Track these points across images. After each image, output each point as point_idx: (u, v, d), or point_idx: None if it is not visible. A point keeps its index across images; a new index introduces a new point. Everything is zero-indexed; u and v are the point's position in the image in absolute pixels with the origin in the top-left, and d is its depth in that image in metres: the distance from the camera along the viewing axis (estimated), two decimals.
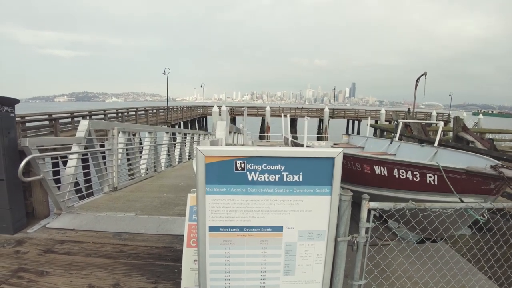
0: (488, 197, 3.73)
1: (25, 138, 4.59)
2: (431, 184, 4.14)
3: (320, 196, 1.88)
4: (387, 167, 4.60)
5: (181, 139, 13.03)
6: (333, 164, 1.83)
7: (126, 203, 5.81)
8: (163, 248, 4.03)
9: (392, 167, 4.52)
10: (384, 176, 4.65)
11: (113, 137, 6.96)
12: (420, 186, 4.26)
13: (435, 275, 3.08)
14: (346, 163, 5.22)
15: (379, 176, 4.73)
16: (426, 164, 4.24)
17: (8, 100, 4.46)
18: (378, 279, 2.95)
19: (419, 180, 4.24)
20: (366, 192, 4.85)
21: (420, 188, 4.28)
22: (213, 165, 1.78)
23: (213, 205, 1.84)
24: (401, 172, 4.41)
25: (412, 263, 3.16)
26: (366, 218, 1.97)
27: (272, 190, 1.85)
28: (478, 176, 3.73)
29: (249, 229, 1.90)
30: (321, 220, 1.93)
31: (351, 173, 5.25)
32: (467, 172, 3.78)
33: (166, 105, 31.91)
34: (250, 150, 1.78)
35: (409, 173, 4.33)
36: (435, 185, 4.10)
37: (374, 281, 2.98)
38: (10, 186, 4.38)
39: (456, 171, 3.86)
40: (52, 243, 4.13)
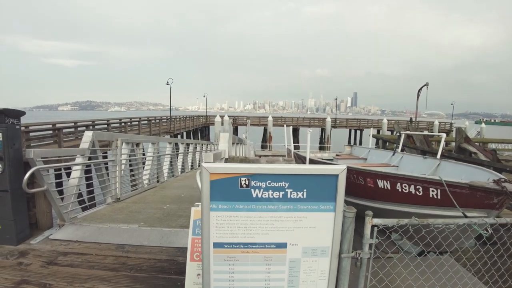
0: (491, 212, 3.72)
1: (30, 150, 4.64)
2: (434, 198, 4.14)
3: (324, 212, 1.90)
4: (390, 181, 4.60)
5: (184, 149, 13.07)
6: (336, 181, 1.85)
7: (129, 214, 5.82)
8: (166, 261, 4.02)
9: (395, 181, 4.53)
10: (387, 190, 4.64)
11: (116, 148, 7.00)
12: (423, 200, 4.26)
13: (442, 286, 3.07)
14: (349, 176, 5.22)
15: (382, 189, 4.73)
16: (429, 179, 4.24)
17: (15, 112, 4.52)
18: None
19: (422, 194, 4.24)
20: (369, 205, 4.86)
21: (423, 202, 4.27)
22: (218, 182, 1.80)
23: (217, 221, 1.86)
24: (404, 186, 4.41)
25: (416, 278, 3.15)
26: (369, 235, 1.98)
27: (276, 207, 1.87)
28: (481, 190, 3.72)
29: (253, 245, 1.91)
30: (325, 237, 1.93)
31: (354, 187, 5.25)
32: (470, 187, 3.78)
33: (169, 114, 32.07)
34: (254, 167, 1.80)
35: (412, 187, 4.33)
36: (438, 199, 4.09)
37: None
38: (14, 197, 4.40)
39: (459, 186, 3.86)
40: (55, 254, 4.14)
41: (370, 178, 4.89)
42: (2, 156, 4.31)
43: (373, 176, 4.87)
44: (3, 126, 4.32)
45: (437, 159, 6.83)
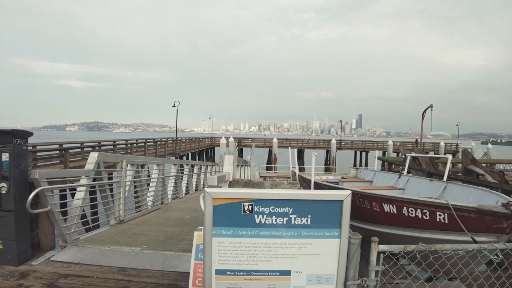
0: (501, 236, 3.61)
1: (35, 170, 4.65)
2: (441, 223, 4.04)
3: (328, 239, 1.86)
4: (396, 205, 4.52)
5: (189, 170, 13.05)
6: (341, 206, 1.82)
7: (132, 236, 5.76)
8: (168, 286, 3.94)
9: (401, 205, 4.44)
10: (393, 214, 4.55)
11: (121, 170, 7.01)
12: (430, 224, 4.16)
13: None
14: (355, 200, 5.15)
15: (388, 214, 4.63)
16: (436, 203, 4.16)
17: (22, 133, 4.57)
18: None
19: (429, 218, 4.14)
20: (375, 230, 4.76)
21: (430, 227, 4.17)
22: (220, 207, 1.78)
23: (220, 247, 1.82)
24: (411, 210, 4.31)
25: None
26: (375, 262, 1.93)
27: (280, 233, 1.83)
28: (489, 214, 3.62)
29: (256, 273, 1.87)
30: (330, 264, 1.89)
31: (360, 211, 5.16)
32: (478, 211, 3.68)
33: (175, 136, 32.27)
34: (257, 192, 1.78)
35: (418, 211, 4.24)
36: (446, 224, 3.99)
37: None
38: (18, 217, 4.39)
39: (466, 210, 3.77)
40: (56, 276, 4.07)
41: (375, 202, 4.81)
42: (8, 176, 4.33)
43: (379, 200, 4.79)
44: (10, 146, 4.36)
45: (443, 181, 6.73)
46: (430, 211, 4.13)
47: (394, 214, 4.53)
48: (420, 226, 4.27)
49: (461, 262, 2.89)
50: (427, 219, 4.17)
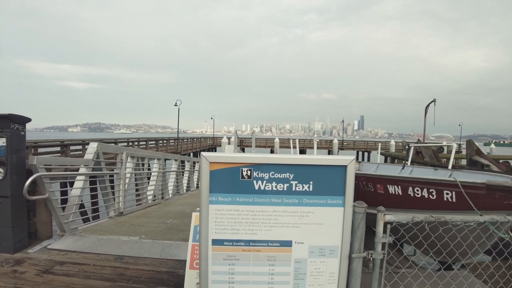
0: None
1: (33, 156, 4.57)
2: (448, 202, 3.88)
3: (332, 207, 1.75)
4: (401, 186, 4.36)
5: (190, 167, 12.96)
6: (345, 172, 1.71)
7: (130, 227, 5.66)
8: (166, 273, 3.84)
9: (407, 186, 4.29)
10: (398, 195, 4.40)
11: (121, 162, 6.92)
12: (437, 204, 3.99)
13: None
14: (358, 184, 5.01)
15: (393, 195, 4.48)
16: (443, 180, 4.00)
17: (20, 118, 4.49)
18: None
19: (436, 197, 3.99)
20: None
21: (437, 207, 4.00)
22: (218, 173, 1.68)
23: (217, 215, 1.72)
24: (416, 190, 4.16)
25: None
26: (382, 232, 1.82)
27: (280, 201, 1.73)
28: (500, 190, 3.46)
29: (255, 243, 1.76)
30: (334, 235, 1.78)
31: (364, 194, 4.99)
32: (487, 187, 3.52)
33: (177, 135, 32.21)
34: (257, 157, 1.68)
35: (424, 190, 4.09)
36: (453, 203, 3.83)
37: None
38: (14, 204, 4.31)
39: (475, 186, 3.61)
40: (52, 264, 3.98)
41: (380, 184, 4.67)
42: (5, 161, 4.25)
43: (383, 182, 4.63)
44: (7, 131, 4.28)
45: (448, 169, 6.57)
46: (437, 190, 3.98)
47: (399, 195, 4.38)
48: (426, 207, 4.09)
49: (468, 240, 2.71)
50: (433, 199, 4.02)
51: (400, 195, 4.38)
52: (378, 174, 4.93)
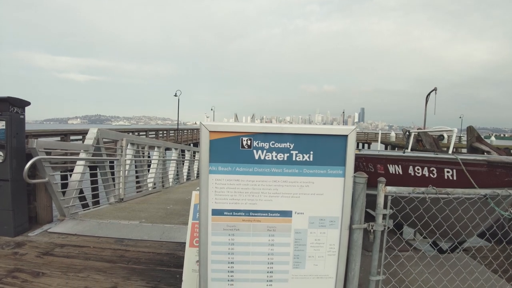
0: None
1: (33, 139, 4.56)
2: (449, 180, 3.87)
3: (332, 178, 1.73)
4: (401, 165, 4.34)
5: (190, 156, 12.96)
6: (346, 142, 1.69)
7: (131, 212, 5.67)
8: (166, 255, 3.85)
9: (407, 165, 4.26)
10: (398, 175, 4.39)
11: (121, 148, 6.91)
12: (438, 183, 3.97)
13: (458, 286, 2.83)
14: (359, 164, 5.00)
15: (393, 175, 4.47)
16: (444, 158, 3.98)
17: (19, 102, 4.46)
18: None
19: (436, 176, 3.98)
20: None
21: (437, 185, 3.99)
22: (217, 142, 1.66)
23: (217, 185, 1.71)
24: (417, 169, 4.15)
25: (430, 274, 2.92)
26: (383, 204, 1.81)
27: (280, 170, 1.71)
28: (501, 167, 3.44)
29: (255, 213, 1.75)
30: (334, 205, 1.76)
31: None
32: (488, 164, 3.50)
33: (177, 126, 32.17)
34: (257, 125, 1.66)
35: (425, 169, 4.07)
36: (454, 181, 3.82)
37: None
38: (14, 187, 4.30)
39: (476, 163, 3.58)
40: (52, 246, 4.00)
41: (380, 164, 4.65)
42: (5, 144, 4.23)
43: (384, 162, 4.60)
44: (7, 114, 4.26)
45: (449, 154, 6.55)
46: (438, 168, 3.96)
47: (400, 174, 4.37)
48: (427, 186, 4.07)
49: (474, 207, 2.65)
50: (434, 178, 4.01)
51: (400, 174, 4.36)
52: (379, 154, 4.90)
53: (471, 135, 7.98)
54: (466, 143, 8.70)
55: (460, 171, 3.67)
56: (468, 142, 7.88)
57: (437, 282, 2.92)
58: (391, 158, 4.53)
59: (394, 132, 41.30)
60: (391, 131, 48.45)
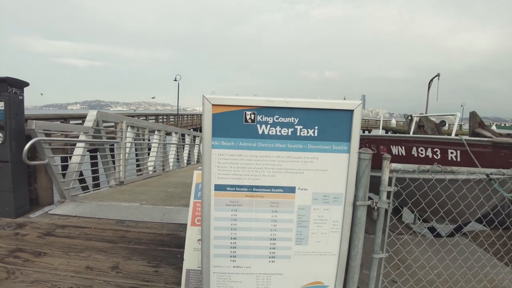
0: None
1: (32, 120, 4.52)
2: (453, 161, 3.85)
3: (337, 153, 1.70)
4: (404, 146, 4.31)
5: (190, 141, 12.94)
6: (351, 117, 1.66)
7: (131, 195, 5.68)
8: (167, 235, 3.86)
9: (411, 146, 4.23)
10: (401, 156, 4.36)
11: (121, 131, 6.88)
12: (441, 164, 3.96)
13: (460, 267, 2.84)
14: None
15: (396, 156, 4.45)
16: (448, 139, 3.95)
17: (17, 82, 4.41)
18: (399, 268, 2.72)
19: (440, 157, 3.95)
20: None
21: None
22: (220, 116, 1.63)
23: (219, 160, 1.68)
24: (420, 150, 4.12)
25: (431, 256, 2.93)
26: (387, 181, 1.78)
27: (284, 146, 1.68)
28: (506, 148, 3.40)
29: (258, 189, 1.73)
30: (338, 182, 1.74)
31: None
32: (493, 144, 3.47)
33: (177, 111, 32.04)
34: (261, 99, 1.62)
35: (428, 150, 4.03)
36: (458, 162, 3.80)
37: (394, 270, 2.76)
38: (14, 168, 4.29)
39: (481, 144, 3.55)
40: (53, 227, 4.01)
41: (383, 145, 4.63)
42: (4, 125, 4.20)
43: (387, 143, 4.57)
44: (5, 95, 4.21)
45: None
46: (441, 149, 3.93)
47: (403, 156, 4.35)
48: None
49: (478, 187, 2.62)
50: (438, 159, 3.98)
51: (403, 155, 4.34)
52: (381, 135, 4.87)
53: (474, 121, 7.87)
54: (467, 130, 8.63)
55: (464, 152, 3.64)
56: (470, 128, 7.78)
57: (438, 261, 2.93)
58: (394, 139, 4.49)
59: (395, 120, 41.21)
60: (391, 119, 48.31)
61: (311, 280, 1.89)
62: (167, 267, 3.10)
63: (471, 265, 2.88)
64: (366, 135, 5.06)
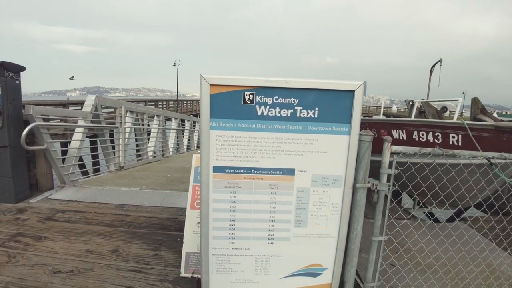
0: None
1: (29, 106, 4.48)
2: (454, 146, 3.83)
3: (337, 135, 1.68)
4: (405, 130, 4.28)
5: (190, 126, 12.90)
6: (352, 98, 1.63)
7: (131, 180, 5.68)
8: (167, 219, 3.87)
9: (412, 130, 4.21)
10: (402, 140, 4.34)
11: (120, 116, 6.84)
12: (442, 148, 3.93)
13: (458, 251, 2.85)
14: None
15: (397, 141, 4.43)
16: (450, 122, 3.92)
17: (14, 66, 4.35)
18: (398, 252, 2.74)
19: (441, 141, 3.92)
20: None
21: None
22: (219, 96, 1.60)
23: (218, 142, 1.65)
24: (421, 134, 4.09)
25: (430, 241, 2.94)
26: (388, 164, 1.76)
27: (283, 127, 1.65)
28: (509, 132, 3.37)
29: (257, 171, 1.71)
30: (338, 164, 1.72)
31: None
32: (496, 129, 3.44)
33: (176, 97, 31.88)
34: (260, 79, 1.59)
35: (430, 134, 4.01)
36: (459, 147, 3.78)
37: (392, 253, 2.77)
38: (13, 154, 4.27)
39: (483, 129, 3.52)
40: (53, 212, 4.01)
41: (384, 129, 4.60)
42: (1, 110, 4.16)
43: (388, 126, 4.54)
44: (2, 79, 4.16)
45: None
46: (443, 133, 3.90)
47: (404, 140, 4.33)
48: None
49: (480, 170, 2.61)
50: (439, 143, 3.96)
51: (404, 139, 4.31)
52: (382, 118, 4.83)
53: (476, 107, 7.78)
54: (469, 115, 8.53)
55: (466, 137, 3.61)
56: (472, 114, 7.69)
57: (438, 245, 2.94)
58: (395, 123, 4.45)
59: (395, 106, 41.05)
60: (392, 105, 48.11)
61: (310, 262, 1.89)
62: (167, 250, 3.11)
63: (470, 249, 2.89)
64: (367, 119, 5.02)
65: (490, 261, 2.99)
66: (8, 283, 2.45)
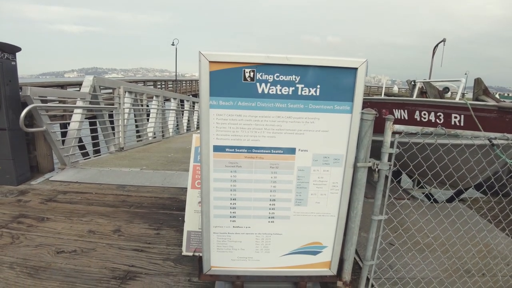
0: None
1: (27, 87, 4.43)
2: (456, 126, 3.81)
3: (339, 114, 1.65)
4: (407, 110, 4.24)
5: (189, 107, 12.83)
6: (355, 76, 1.59)
7: (132, 160, 5.69)
8: (168, 199, 3.90)
9: (414, 109, 4.17)
10: (404, 120, 4.32)
11: (119, 97, 6.78)
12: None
13: (457, 231, 2.87)
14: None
15: (398, 120, 4.41)
16: (453, 102, 3.89)
17: (9, 47, 4.27)
18: (397, 231, 2.76)
19: (443, 122, 3.90)
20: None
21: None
22: (218, 74, 1.56)
23: (218, 121, 1.63)
24: (423, 114, 4.06)
25: (429, 220, 2.96)
26: (389, 143, 1.75)
27: (284, 106, 1.63)
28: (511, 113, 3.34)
29: (258, 150, 1.70)
30: (339, 143, 1.70)
31: None
32: (499, 109, 3.40)
33: (175, 77, 31.56)
34: (261, 56, 1.55)
35: (432, 114, 3.98)
36: (461, 127, 3.76)
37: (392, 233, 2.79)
38: (12, 136, 4.26)
39: (486, 109, 3.48)
40: (55, 193, 4.04)
41: (385, 108, 4.57)
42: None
43: (389, 106, 4.51)
44: None
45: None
46: (445, 113, 3.87)
47: (406, 120, 4.31)
48: None
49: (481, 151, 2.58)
50: (441, 123, 3.94)
51: (406, 119, 4.29)
52: (384, 98, 4.79)
53: (478, 88, 7.66)
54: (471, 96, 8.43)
55: (468, 117, 3.57)
56: (474, 95, 7.58)
57: (437, 225, 2.96)
58: (397, 103, 4.40)
59: (397, 87, 40.74)
60: (394, 86, 47.73)
61: (310, 240, 1.90)
62: (168, 229, 3.15)
63: (469, 230, 2.92)
64: (369, 98, 4.97)
65: (488, 241, 3.02)
66: (13, 264, 2.48)
